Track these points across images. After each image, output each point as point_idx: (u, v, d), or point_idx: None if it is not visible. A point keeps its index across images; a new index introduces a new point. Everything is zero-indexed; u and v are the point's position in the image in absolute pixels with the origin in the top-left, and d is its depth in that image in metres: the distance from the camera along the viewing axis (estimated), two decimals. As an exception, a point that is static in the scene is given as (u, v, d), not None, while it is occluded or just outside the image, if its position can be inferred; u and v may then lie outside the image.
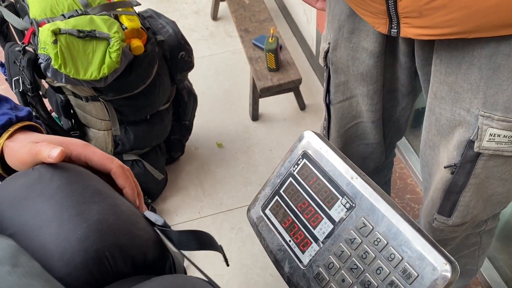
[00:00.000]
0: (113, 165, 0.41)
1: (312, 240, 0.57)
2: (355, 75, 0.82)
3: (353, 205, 0.54)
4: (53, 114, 1.39)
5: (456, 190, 0.73)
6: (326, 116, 0.92)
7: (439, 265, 0.46)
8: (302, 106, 1.88)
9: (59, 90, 1.25)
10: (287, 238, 0.60)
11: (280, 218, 0.61)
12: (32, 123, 0.44)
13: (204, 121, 1.91)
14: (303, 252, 0.58)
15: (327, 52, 0.83)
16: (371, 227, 0.51)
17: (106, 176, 0.43)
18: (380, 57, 0.77)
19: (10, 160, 0.41)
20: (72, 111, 1.32)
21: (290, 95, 1.92)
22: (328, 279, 0.54)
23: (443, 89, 0.67)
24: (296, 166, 0.62)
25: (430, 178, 0.82)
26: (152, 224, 0.40)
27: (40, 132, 0.45)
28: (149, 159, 1.50)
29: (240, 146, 1.83)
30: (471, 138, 0.66)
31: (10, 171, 0.42)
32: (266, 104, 1.95)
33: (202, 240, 0.43)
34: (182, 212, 1.62)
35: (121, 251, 0.34)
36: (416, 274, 0.47)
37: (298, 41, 2.27)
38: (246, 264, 1.46)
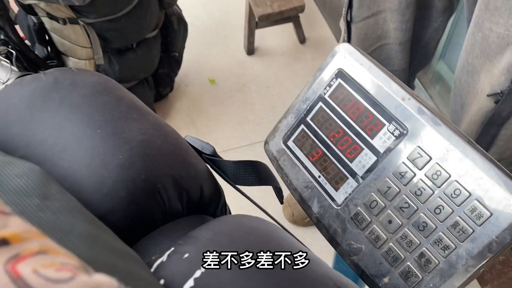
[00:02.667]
0: None
1: (348, 175, 0.47)
2: None
3: (404, 132, 0.44)
4: (26, 43, 1.22)
5: (498, 122, 0.65)
6: (346, 37, 0.80)
7: (520, 202, 0.37)
8: (302, 39, 1.74)
9: (30, 10, 1.08)
10: (316, 173, 0.50)
11: (306, 151, 0.52)
12: None
13: (194, 55, 1.75)
14: (336, 189, 0.48)
15: None
16: (428, 158, 0.42)
17: None
18: None
19: None
20: (47, 37, 1.16)
21: (289, 27, 1.76)
22: (369, 220, 0.45)
23: None
24: (327, 88, 0.51)
25: (463, 110, 0.73)
26: (198, 152, 0.30)
27: None
28: (136, 93, 1.35)
29: (234, 82, 1.70)
30: None
31: None
32: (262, 36, 1.79)
33: (261, 173, 0.33)
34: (173, 152, 1.52)
35: (175, 182, 0.26)
36: (488, 214, 0.38)
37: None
38: (244, 207, 1.39)
